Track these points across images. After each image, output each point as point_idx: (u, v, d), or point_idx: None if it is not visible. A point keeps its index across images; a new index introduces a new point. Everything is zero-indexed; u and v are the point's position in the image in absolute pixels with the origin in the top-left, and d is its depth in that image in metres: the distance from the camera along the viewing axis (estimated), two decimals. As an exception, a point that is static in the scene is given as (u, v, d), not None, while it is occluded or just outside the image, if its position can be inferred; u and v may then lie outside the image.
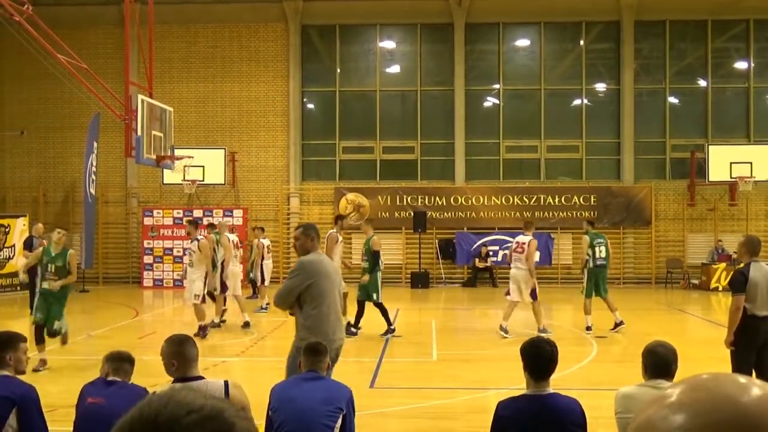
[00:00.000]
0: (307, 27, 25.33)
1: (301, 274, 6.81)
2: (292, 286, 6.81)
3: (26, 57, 20.36)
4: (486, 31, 25.42)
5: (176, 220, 23.18)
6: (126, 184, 25.15)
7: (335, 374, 5.44)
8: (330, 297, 6.86)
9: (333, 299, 6.91)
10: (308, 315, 6.75)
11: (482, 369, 11.25)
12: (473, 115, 25.19)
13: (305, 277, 6.78)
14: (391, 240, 24.60)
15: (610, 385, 9.86)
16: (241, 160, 24.64)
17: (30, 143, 25.29)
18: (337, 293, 7.03)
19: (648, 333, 12.77)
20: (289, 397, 4.95)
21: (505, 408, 4.62)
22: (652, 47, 25.39)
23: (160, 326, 15.57)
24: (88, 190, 20.94)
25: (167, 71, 24.12)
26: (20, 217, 22.05)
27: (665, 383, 4.63)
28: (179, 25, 24.72)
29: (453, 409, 9.02)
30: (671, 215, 24.61)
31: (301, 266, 6.87)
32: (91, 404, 5.08)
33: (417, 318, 17.91)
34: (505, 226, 24.08)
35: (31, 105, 25.20)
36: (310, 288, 6.75)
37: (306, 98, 25.64)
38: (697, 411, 0.90)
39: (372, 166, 25.24)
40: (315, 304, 6.75)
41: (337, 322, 6.98)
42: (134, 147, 14.31)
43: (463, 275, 24.54)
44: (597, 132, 25.09)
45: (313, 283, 6.76)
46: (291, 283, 6.84)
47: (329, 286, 6.90)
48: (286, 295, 6.84)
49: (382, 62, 25.63)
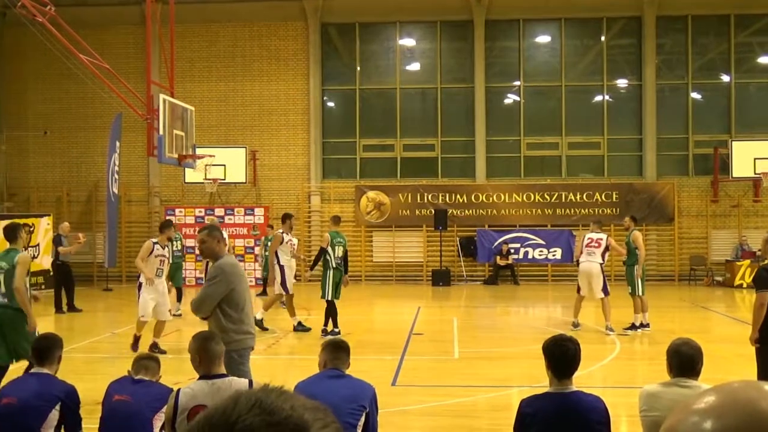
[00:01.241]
0: (326, 25, 25.37)
1: (223, 281, 6.56)
2: (215, 293, 6.55)
3: (49, 57, 20.55)
4: (506, 28, 25.34)
5: (198, 219, 23.29)
6: (148, 183, 25.32)
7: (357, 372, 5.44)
8: (247, 298, 6.77)
9: (248, 300, 6.81)
10: (230, 319, 6.57)
11: (504, 367, 11.22)
12: (494, 112, 25.13)
13: (228, 283, 6.57)
14: (411, 238, 24.64)
15: (633, 383, 9.83)
16: (262, 159, 24.74)
17: (53, 143, 25.52)
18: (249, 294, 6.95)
19: (672, 330, 12.71)
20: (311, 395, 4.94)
21: (528, 405, 4.61)
22: (674, 42, 25.20)
23: (182, 324, 15.65)
24: (111, 190, 21.10)
25: (188, 70, 24.24)
26: (44, 216, 22.25)
27: (690, 381, 4.61)
28: (200, 24, 24.84)
29: (475, 407, 9.01)
30: (694, 212, 24.42)
31: (222, 272, 6.60)
32: (117, 401, 5.16)
33: (438, 316, 17.90)
34: (527, 224, 24.03)
35: (54, 105, 25.43)
36: (231, 293, 6.56)
37: (326, 96, 25.69)
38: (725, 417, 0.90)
39: (392, 164, 25.25)
40: (236, 308, 6.59)
41: (252, 320, 6.90)
42: (156, 146, 14.38)
43: (484, 273, 24.49)
44: (619, 128, 24.94)
45: (234, 288, 6.59)
46: (213, 289, 6.55)
47: (246, 288, 6.82)
48: (209, 302, 6.57)
49: (402, 60, 25.62)
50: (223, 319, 6.54)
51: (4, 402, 5.09)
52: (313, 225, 24.61)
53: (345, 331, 13.55)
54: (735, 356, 10.75)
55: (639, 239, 14.10)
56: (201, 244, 6.79)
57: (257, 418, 0.92)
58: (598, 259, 13.93)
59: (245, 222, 23.54)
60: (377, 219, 24.52)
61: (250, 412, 0.93)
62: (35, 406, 5.02)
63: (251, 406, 0.94)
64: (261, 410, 0.93)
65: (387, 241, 24.69)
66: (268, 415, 0.93)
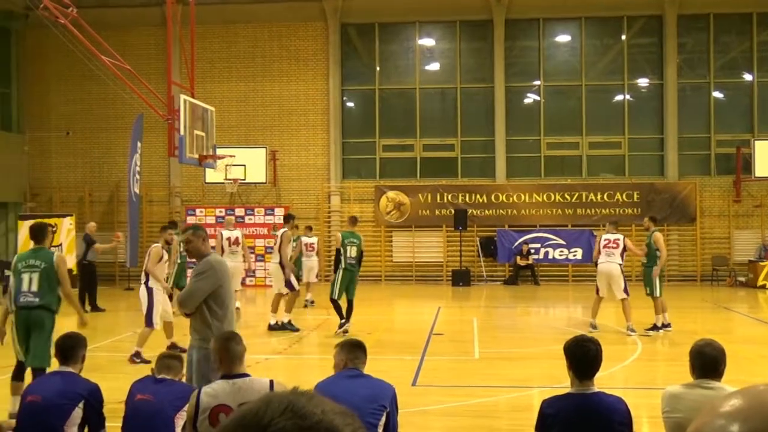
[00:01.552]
0: (346, 25, 25.40)
1: (211, 276, 6.53)
2: (202, 287, 6.50)
3: (71, 59, 20.72)
4: (526, 27, 25.26)
5: (218, 219, 23.39)
6: (169, 183, 25.47)
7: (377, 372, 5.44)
8: (231, 297, 6.78)
9: (232, 299, 6.83)
10: (215, 317, 6.53)
11: (525, 367, 11.19)
12: (514, 111, 25.06)
13: (216, 279, 6.54)
14: (431, 238, 24.63)
15: (654, 384, 9.77)
16: (282, 159, 24.81)
17: (75, 144, 25.73)
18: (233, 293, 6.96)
19: (694, 331, 12.62)
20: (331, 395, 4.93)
21: (549, 406, 4.59)
22: (696, 41, 25.02)
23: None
24: (133, 190, 21.25)
25: (208, 71, 24.35)
26: (66, 216, 22.45)
27: (713, 383, 4.57)
28: (220, 25, 24.95)
29: (495, 408, 8.99)
30: (716, 212, 24.22)
31: (211, 268, 6.58)
32: (140, 401, 5.20)
33: (458, 316, 17.87)
34: (547, 224, 23.94)
35: (76, 106, 25.64)
36: (219, 290, 6.54)
37: (346, 96, 25.72)
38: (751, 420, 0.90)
39: (412, 164, 25.24)
40: (222, 306, 6.56)
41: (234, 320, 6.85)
42: (177, 147, 14.45)
43: (504, 273, 24.43)
44: (640, 128, 24.79)
45: (221, 285, 6.57)
46: (201, 285, 6.49)
47: (231, 287, 6.84)
48: (197, 296, 6.52)
49: (421, 60, 25.60)
50: (209, 316, 6.49)
51: (29, 400, 5.14)
52: (332, 225, 24.63)
53: (365, 330, 13.56)
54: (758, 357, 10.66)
55: (660, 240, 13.99)
56: (187, 243, 6.79)
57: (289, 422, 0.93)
58: (617, 259, 13.85)
59: (265, 222, 23.63)
60: (397, 219, 24.52)
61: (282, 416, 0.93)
62: (59, 405, 5.06)
63: (283, 410, 0.94)
64: (293, 414, 0.94)
65: (407, 241, 24.69)
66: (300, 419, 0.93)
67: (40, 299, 7.83)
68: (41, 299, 7.83)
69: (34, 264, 7.89)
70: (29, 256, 8.05)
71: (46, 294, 7.86)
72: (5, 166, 24.58)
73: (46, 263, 7.88)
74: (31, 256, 8.05)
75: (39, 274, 7.84)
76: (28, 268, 7.87)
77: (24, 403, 5.20)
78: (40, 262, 7.88)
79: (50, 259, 7.93)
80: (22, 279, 7.86)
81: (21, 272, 7.88)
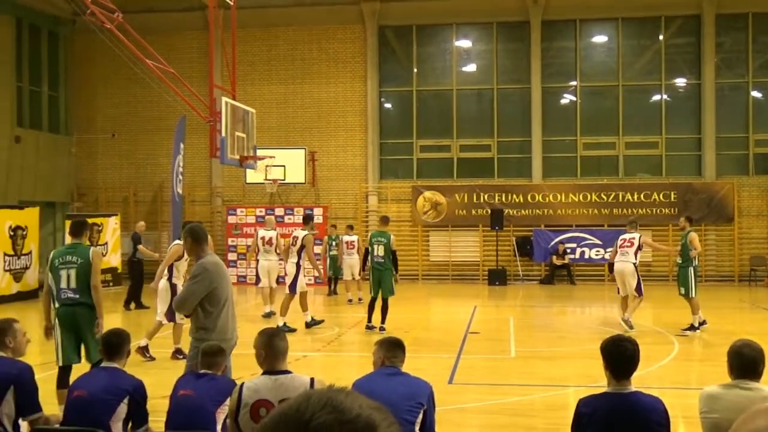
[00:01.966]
0: (383, 28, 25.41)
1: (205, 279, 6.59)
2: (196, 291, 6.59)
3: (117, 63, 21.02)
4: (562, 28, 25.05)
5: (258, 219, 23.56)
6: (211, 183, 25.71)
7: (414, 370, 5.43)
8: (228, 298, 6.74)
9: (230, 300, 6.78)
10: (209, 317, 6.60)
11: (560, 366, 11.09)
12: (550, 112, 24.86)
13: (210, 281, 6.59)
14: (468, 237, 24.55)
15: (691, 384, 9.63)
16: (321, 160, 24.90)
17: (121, 145, 26.09)
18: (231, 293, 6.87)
19: (732, 332, 12.40)
20: (369, 391, 4.94)
21: (586, 405, 4.54)
22: (734, 41, 24.60)
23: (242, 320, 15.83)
24: (176, 190, 21.44)
25: (249, 74, 24.53)
26: (112, 216, 22.77)
27: (752, 383, 4.49)
28: (260, 28, 25.11)
29: (531, 406, 8.93)
30: (755, 212, 23.80)
31: (204, 270, 6.63)
32: (182, 396, 5.26)
33: (494, 315, 17.79)
34: (583, 224, 23.72)
35: (121, 109, 26.01)
36: (213, 291, 6.58)
37: (383, 98, 25.73)
38: None
39: (449, 165, 25.17)
40: (216, 307, 6.59)
41: (233, 322, 6.83)
42: (219, 148, 14.59)
43: (540, 272, 24.25)
44: (677, 128, 24.44)
45: (216, 286, 6.60)
46: (195, 287, 6.60)
47: (227, 288, 6.77)
48: (192, 299, 6.62)
49: (458, 61, 25.53)
50: (203, 317, 6.59)
51: (75, 395, 5.21)
52: (370, 225, 24.64)
53: (402, 329, 13.54)
54: (797, 358, 10.44)
55: (695, 240, 13.80)
56: (184, 243, 6.91)
57: (330, 416, 0.95)
58: (631, 258, 13.79)
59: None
60: (434, 219, 24.48)
61: (322, 410, 0.96)
62: (104, 400, 5.11)
63: (323, 405, 0.97)
64: (333, 408, 0.97)
65: (443, 240, 24.65)
66: (340, 414, 0.96)
67: (80, 296, 7.76)
68: (81, 296, 7.76)
69: (70, 260, 7.79)
70: (65, 252, 7.93)
71: (84, 291, 7.77)
72: (54, 167, 25.03)
73: (82, 259, 7.79)
74: (67, 252, 7.93)
75: (76, 271, 7.76)
76: (65, 265, 7.79)
77: (70, 397, 5.27)
78: (77, 258, 7.80)
79: (86, 255, 7.83)
80: (60, 276, 7.78)
81: (59, 269, 7.79)
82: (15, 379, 5.32)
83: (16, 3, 23.00)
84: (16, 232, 19.68)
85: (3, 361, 5.45)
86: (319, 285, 20.95)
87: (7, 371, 5.35)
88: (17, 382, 5.32)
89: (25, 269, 19.96)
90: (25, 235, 20.00)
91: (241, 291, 22.41)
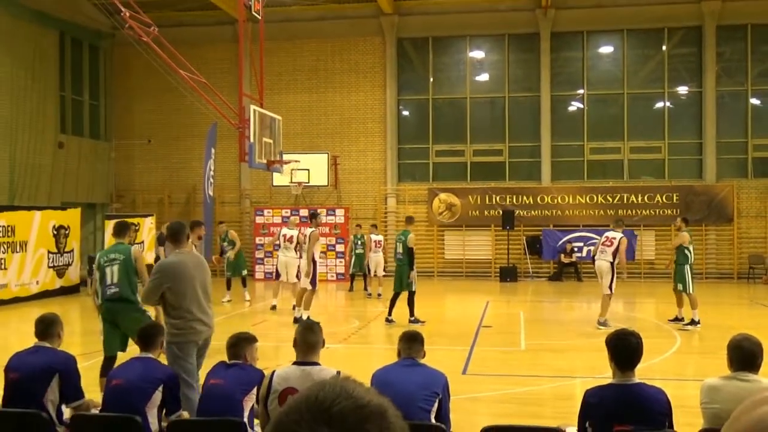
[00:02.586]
0: (402, 40, 25.41)
1: (158, 279, 6.66)
2: (151, 289, 6.72)
3: (152, 73, 21.13)
4: (570, 40, 24.93)
5: (284, 219, 23.58)
6: (240, 186, 25.82)
7: (430, 361, 5.43)
8: (189, 295, 6.63)
9: (192, 296, 6.66)
10: (169, 313, 6.63)
11: (568, 358, 11.04)
12: (558, 118, 24.75)
13: (162, 280, 6.63)
14: (480, 237, 24.51)
15: (693, 376, 9.55)
16: (343, 164, 24.95)
17: (156, 150, 26.25)
18: (199, 287, 6.74)
19: (731, 327, 12.28)
20: (387, 381, 4.95)
21: (592, 395, 4.53)
22: (734, 51, 24.36)
23: (270, 314, 15.92)
24: (207, 192, 21.54)
25: (276, 83, 24.61)
26: (148, 216, 22.92)
27: (751, 375, 4.45)
28: (286, 41, 25.17)
29: (540, 396, 8.89)
30: (753, 212, 23.57)
31: (157, 271, 6.72)
32: (212, 385, 5.28)
33: (506, 310, 17.73)
34: (590, 224, 23.59)
35: (156, 116, 26.17)
36: (169, 290, 6.59)
37: (401, 106, 25.73)
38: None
39: (463, 168, 25.13)
40: (176, 304, 6.59)
41: (201, 316, 6.73)
42: (247, 153, 14.64)
43: (549, 270, 24.15)
44: (679, 133, 24.25)
45: (171, 286, 6.59)
46: (150, 285, 6.76)
47: (186, 286, 6.65)
48: (150, 295, 6.77)
49: (472, 71, 25.47)
50: (168, 311, 6.66)
51: (114, 383, 5.25)
52: (389, 225, 24.68)
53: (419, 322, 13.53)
54: (794, 352, 10.32)
55: (683, 238, 13.79)
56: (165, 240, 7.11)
57: (347, 401, 0.99)
58: (609, 257, 13.62)
59: (327, 222, 23.75)
60: (449, 219, 24.45)
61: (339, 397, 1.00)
62: (140, 387, 5.16)
63: (338, 393, 1.01)
64: (347, 395, 1.00)
65: (458, 239, 24.61)
66: (355, 400, 1.00)
67: (120, 290, 7.78)
68: (121, 290, 7.78)
69: (114, 258, 7.87)
70: (110, 251, 8.05)
71: (125, 285, 7.79)
72: (94, 171, 25.24)
73: (124, 255, 7.85)
74: (111, 250, 8.05)
75: (118, 266, 7.81)
76: (109, 262, 7.86)
77: (109, 386, 5.32)
78: (119, 255, 7.86)
79: (128, 252, 7.89)
80: (105, 273, 7.85)
81: (104, 267, 7.87)
82: (59, 367, 5.40)
83: (60, 18, 23.21)
84: (59, 231, 19.86)
85: (48, 351, 5.54)
86: (341, 281, 20.97)
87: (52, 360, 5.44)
88: (61, 371, 5.40)
89: (68, 266, 20.14)
90: (68, 234, 20.17)
91: (268, 287, 22.47)
